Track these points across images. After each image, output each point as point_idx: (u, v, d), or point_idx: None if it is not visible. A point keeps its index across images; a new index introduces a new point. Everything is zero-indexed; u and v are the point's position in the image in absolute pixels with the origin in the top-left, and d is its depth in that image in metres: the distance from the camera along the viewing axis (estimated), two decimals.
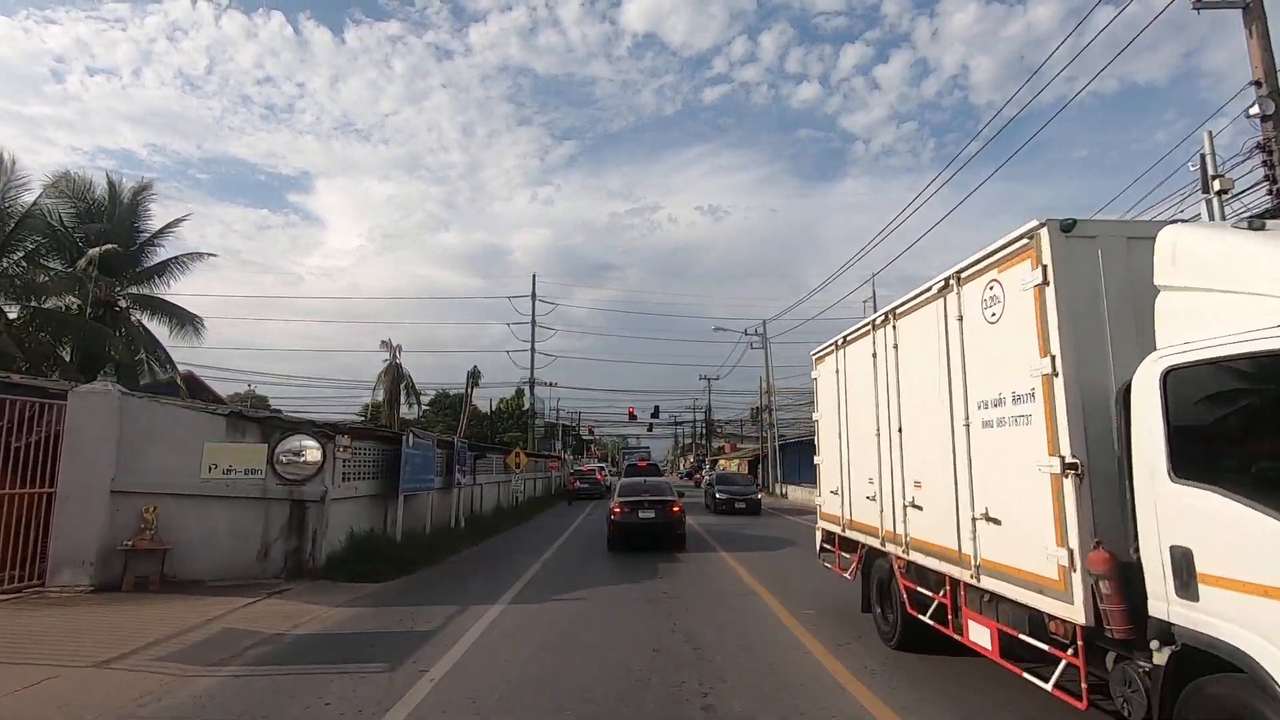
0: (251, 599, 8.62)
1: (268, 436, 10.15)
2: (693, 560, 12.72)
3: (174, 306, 23.20)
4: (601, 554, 13.83)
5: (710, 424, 63.40)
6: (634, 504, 14.03)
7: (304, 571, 10.04)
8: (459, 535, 15.53)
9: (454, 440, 16.84)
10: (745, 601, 8.90)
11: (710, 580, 10.62)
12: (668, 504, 14.07)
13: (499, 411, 78.12)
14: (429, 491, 14.44)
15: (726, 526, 19.51)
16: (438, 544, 13.68)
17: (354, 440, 11.32)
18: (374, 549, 11.27)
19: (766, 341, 37.30)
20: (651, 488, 14.89)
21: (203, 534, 9.62)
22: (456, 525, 16.62)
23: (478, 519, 18.85)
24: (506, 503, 24.22)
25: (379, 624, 7.69)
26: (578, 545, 15.42)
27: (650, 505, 13.99)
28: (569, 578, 10.87)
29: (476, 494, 20.14)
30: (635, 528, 13.91)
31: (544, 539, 16.64)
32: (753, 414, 66.67)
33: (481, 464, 20.73)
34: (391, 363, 50.93)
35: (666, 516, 13.93)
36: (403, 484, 12.34)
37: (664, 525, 13.90)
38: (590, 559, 13.12)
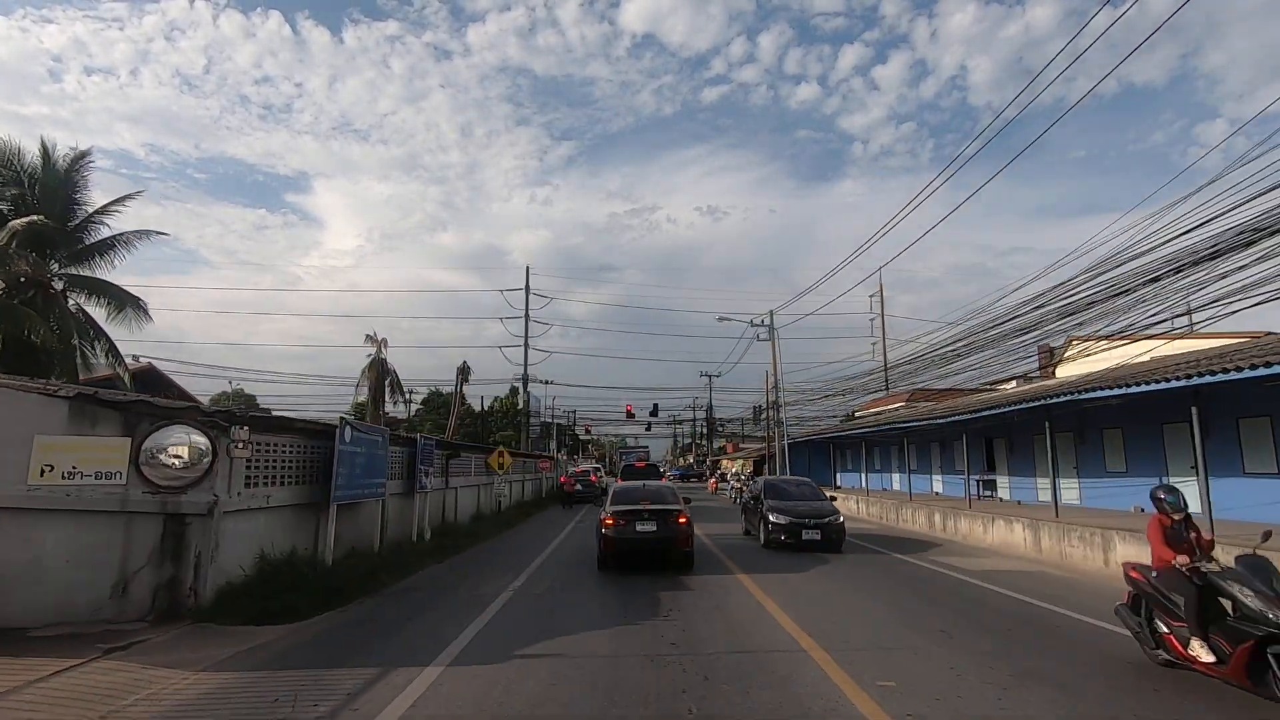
0: (76, 659, 5.95)
1: (131, 428, 7.48)
2: (704, 587, 10.07)
3: (110, 286, 20.49)
4: (589, 576, 11.19)
5: (712, 422, 60.73)
6: (630, 514, 11.37)
7: (182, 612, 7.38)
8: (420, 551, 12.85)
9: (416, 437, 14.17)
10: (790, 664, 6.23)
11: (733, 621, 7.96)
12: (672, 514, 11.44)
13: (493, 410, 75.62)
14: (378, 499, 11.76)
15: (738, 535, 16.87)
16: (387, 564, 11.02)
17: (263, 433, 8.67)
18: (294, 576, 8.62)
19: (773, 332, 34.67)
20: (652, 494, 12.23)
21: (28, 562, 6.94)
22: (420, 539, 13.96)
23: (449, 529, 16.19)
24: (488, 508, 21.55)
25: (238, 712, 5.02)
26: (562, 563, 12.76)
27: (650, 516, 11.36)
28: (544, 616, 8.21)
29: (450, 500, 17.48)
30: (632, 544, 11.31)
31: (524, 554, 13.98)
32: (754, 412, 64.20)
33: (457, 465, 18.07)
34: (376, 358, 48.21)
35: (670, 529, 11.29)
36: (336, 490, 9.67)
37: (667, 540, 11.26)
38: (575, 584, 10.47)
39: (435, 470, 16.00)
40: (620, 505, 11.68)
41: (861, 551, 14.33)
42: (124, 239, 21.03)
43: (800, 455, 36.06)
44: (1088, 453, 18.29)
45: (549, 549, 14.82)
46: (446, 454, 17.01)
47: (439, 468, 16.40)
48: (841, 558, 13.15)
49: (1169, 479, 15.48)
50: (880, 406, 41.09)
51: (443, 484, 16.72)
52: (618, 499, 12.05)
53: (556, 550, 14.64)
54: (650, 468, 29.07)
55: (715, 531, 17.79)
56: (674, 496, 12.24)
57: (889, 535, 17.85)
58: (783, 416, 33.01)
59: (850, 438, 32.74)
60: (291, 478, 9.39)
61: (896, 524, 20.63)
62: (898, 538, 17.04)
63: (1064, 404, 14.65)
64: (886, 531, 19.04)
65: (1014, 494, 21.72)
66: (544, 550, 14.53)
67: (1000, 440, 22.67)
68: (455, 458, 17.41)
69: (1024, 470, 21.30)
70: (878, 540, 16.41)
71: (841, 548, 14.17)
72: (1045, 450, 20.24)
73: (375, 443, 11.39)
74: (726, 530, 18.45)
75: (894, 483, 30.95)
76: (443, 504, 16.90)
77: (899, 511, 20.76)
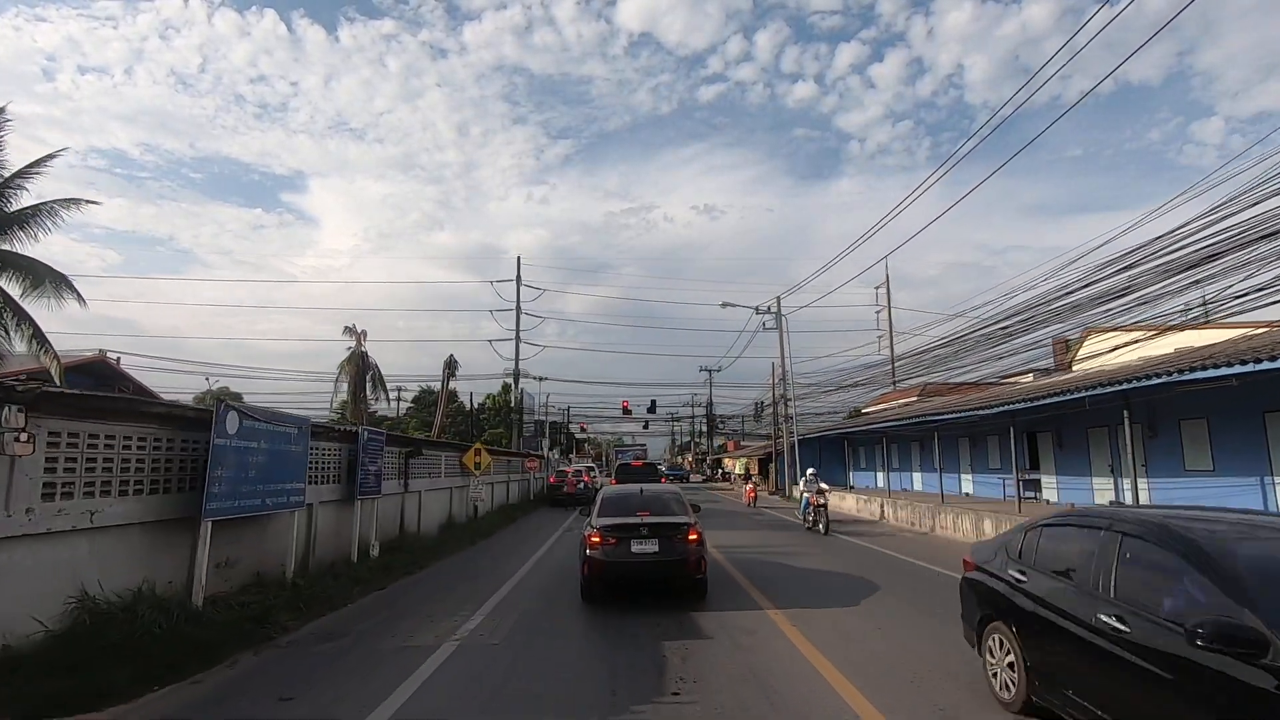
0: None
1: None
2: (725, 632, 7.37)
3: (20, 258, 17.71)
4: (569, 611, 8.47)
5: (712, 419, 58.06)
6: (624, 530, 8.53)
7: None
8: (357, 576, 10.11)
9: (358, 430, 11.41)
10: None
11: (777, 698, 5.25)
12: (678, 530, 8.57)
13: (484, 408, 72.89)
14: (294, 509, 9.01)
15: (755, 549, 14.16)
16: (302, 598, 8.28)
17: (91, 420, 5.92)
18: (131, 629, 5.91)
19: (781, 319, 31.98)
20: (652, 501, 9.40)
21: None
22: (362, 558, 11.22)
23: (407, 543, 13.45)
24: (462, 515, 18.80)
25: None
26: (537, 589, 10.03)
27: (650, 532, 8.52)
28: (492, 690, 5.49)
29: (410, 506, 14.73)
30: (626, 571, 8.52)
31: (493, 574, 11.26)
32: (756, 409, 61.51)
33: (420, 465, 15.34)
34: (355, 351, 45.31)
35: (677, 550, 8.46)
36: (211, 502, 6.93)
37: (673, 565, 8.47)
38: (548, 625, 7.74)
39: (389, 471, 13.26)
40: (611, 518, 8.84)
41: (912, 571, 11.63)
42: (49, 209, 18.32)
43: (809, 452, 33.35)
44: (1161, 448, 15.62)
45: (525, 567, 12.08)
46: (406, 451, 14.27)
47: (394, 468, 13.66)
48: (894, 579, 10.46)
49: (1277, 480, 12.83)
50: (889, 402, 38.53)
51: (400, 487, 13.98)
52: (608, 508, 9.21)
53: (535, 569, 11.91)
54: (648, 467, 26.37)
55: (728, 542, 15.08)
56: (680, 505, 9.39)
57: (936, 547, 15.16)
58: (793, 411, 30.29)
59: (867, 433, 30.08)
60: (145, 484, 6.65)
61: (934, 531, 17.95)
62: (948, 552, 14.35)
63: (1155, 387, 11.98)
64: (926, 541, 16.35)
65: (1062, 495, 19.07)
66: (519, 569, 11.80)
67: (1045, 434, 20.00)
68: (417, 456, 14.66)
69: (1075, 468, 18.66)
70: (922, 551, 13.72)
71: (880, 565, 11.50)
72: (1106, 445, 17.69)
73: (286, 436, 8.63)
74: (740, 540, 15.74)
75: (914, 482, 28.28)
76: (400, 512, 14.16)
77: (935, 517, 18.08)
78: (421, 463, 15.36)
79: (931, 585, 10.11)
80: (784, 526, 19.70)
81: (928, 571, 11.44)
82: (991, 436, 22.67)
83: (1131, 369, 13.37)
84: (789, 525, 19.90)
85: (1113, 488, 17.16)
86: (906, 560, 12.71)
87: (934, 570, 11.50)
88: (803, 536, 16.92)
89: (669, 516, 8.88)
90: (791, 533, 17.90)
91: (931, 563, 12.30)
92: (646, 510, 8.97)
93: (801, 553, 13.62)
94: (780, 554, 13.42)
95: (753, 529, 19.01)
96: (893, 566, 11.95)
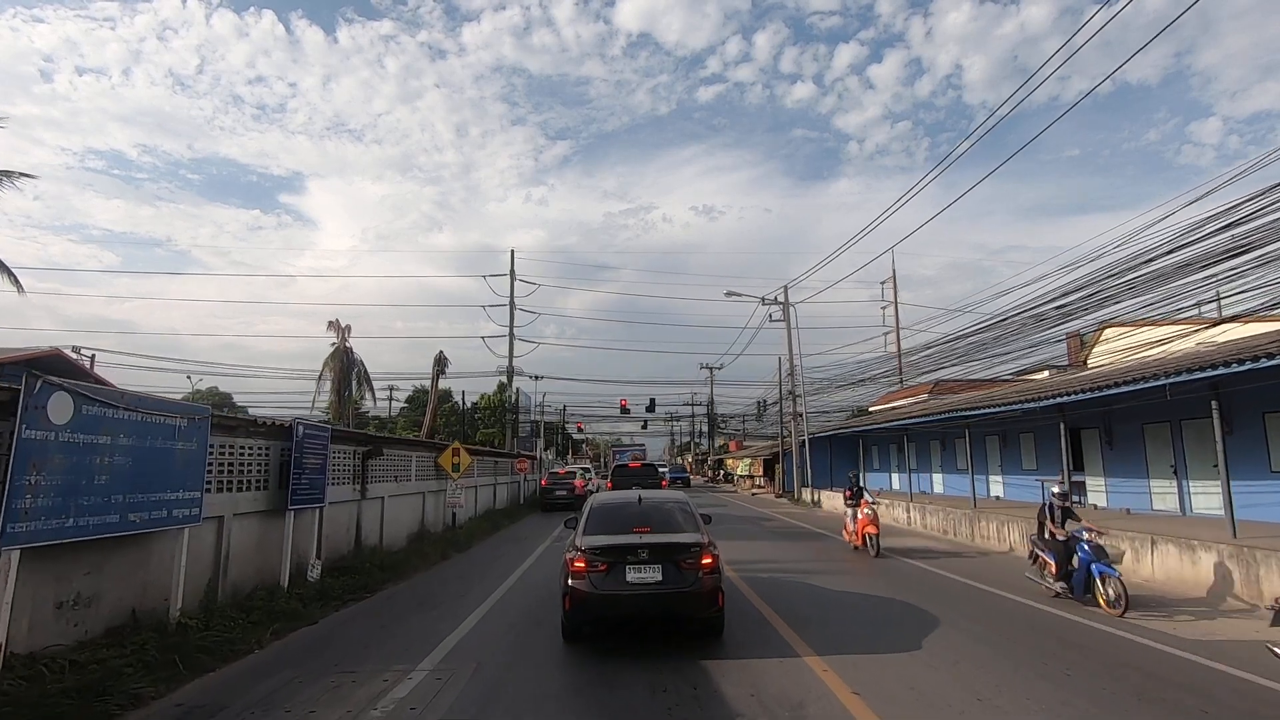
0: None
1: None
2: (753, 689, 5.28)
3: None
4: (548, 660, 6.36)
5: (713, 418, 55.93)
6: (618, 553, 6.53)
7: None
8: (274, 610, 7.94)
9: (292, 424, 9.26)
10: None
11: None
12: (689, 552, 6.58)
13: (478, 407, 70.78)
14: (183, 526, 6.85)
15: (775, 566, 12.04)
16: (176, 650, 6.13)
17: None
18: None
19: (789, 309, 29.87)
20: (653, 513, 7.41)
21: None
22: (295, 583, 9.08)
23: (361, 560, 11.31)
24: (438, 523, 16.66)
25: None
26: (508, 624, 7.90)
27: (652, 555, 6.52)
28: None
29: (370, 516, 12.58)
30: (620, 606, 6.48)
31: (458, 603, 9.13)
32: (758, 407, 59.38)
33: (382, 467, 13.20)
34: (339, 346, 43.12)
35: (686, 579, 6.45)
36: (13, 522, 4.79)
37: (681, 598, 6.44)
38: (514, 693, 5.60)
39: (340, 474, 11.14)
40: (601, 536, 6.85)
41: (973, 597, 9.51)
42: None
43: (820, 453, 31.25)
44: (1240, 446, 13.51)
45: (500, 590, 9.95)
46: (363, 451, 12.12)
47: (348, 470, 11.52)
48: (954, 611, 8.34)
49: None
50: (898, 400, 36.50)
51: (355, 493, 11.84)
52: (597, 523, 7.26)
53: (511, 592, 9.79)
54: (647, 468, 24.20)
55: (743, 557, 12.96)
56: (688, 518, 7.40)
57: (983, 563, 13.05)
58: (803, 408, 28.15)
59: (884, 432, 27.95)
60: None
61: (972, 541, 15.85)
62: (1002, 570, 12.23)
63: (1244, 374, 9.89)
64: (970, 556, 14.24)
65: (1112, 500, 16.96)
66: (491, 594, 9.68)
67: (1091, 431, 17.89)
68: (377, 456, 12.51)
69: (1128, 470, 16.54)
70: (971, 569, 11.60)
71: (921, 590, 9.36)
72: (1168, 443, 15.60)
73: (168, 430, 6.48)
74: (758, 556, 13.62)
75: (934, 484, 26.18)
76: (356, 522, 12.01)
77: (973, 525, 15.97)
78: (384, 464, 13.22)
79: (1004, 618, 7.99)
80: (802, 536, 17.60)
81: (990, 597, 9.31)
82: (1025, 434, 20.58)
83: (1225, 352, 11.25)
84: (810, 535, 17.81)
85: (1176, 491, 15.06)
86: (957, 581, 10.58)
87: (997, 594, 9.38)
88: (830, 549, 14.81)
89: (675, 534, 6.93)
90: (816, 544, 15.79)
91: (990, 584, 10.16)
92: (646, 526, 7.04)
93: (829, 571, 11.49)
94: (798, 568, 11.30)
95: (772, 540, 16.90)
96: (944, 590, 9.82)
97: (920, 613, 8.20)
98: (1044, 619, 7.98)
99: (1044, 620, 7.92)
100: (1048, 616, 8.09)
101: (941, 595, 9.32)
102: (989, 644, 6.81)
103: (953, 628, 7.46)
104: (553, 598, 8.53)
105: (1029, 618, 8.02)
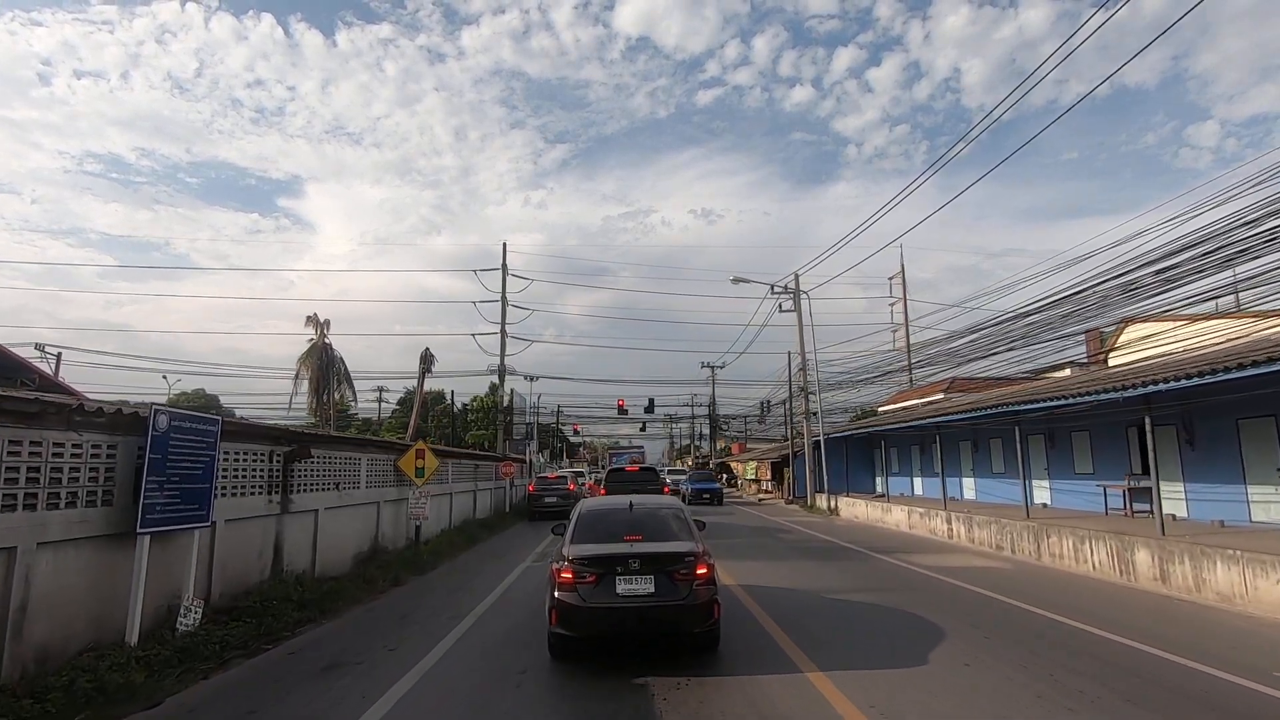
0: None
1: None
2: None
3: None
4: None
5: (715, 419, 53.36)
6: (607, 562, 6.14)
7: None
8: (95, 689, 5.34)
9: (148, 410, 6.63)
10: None
11: None
12: (680, 562, 6.22)
13: (470, 408, 68.18)
14: None
15: (810, 597, 9.45)
16: None
17: None
18: None
19: (799, 298, 27.32)
20: (645, 520, 6.95)
21: None
22: (149, 639, 6.46)
23: (274, 593, 8.68)
24: (395, 539, 14.03)
25: None
26: (457, 695, 5.29)
27: (644, 565, 6.13)
28: None
29: (293, 534, 9.94)
30: (610, 619, 6.05)
31: (380, 665, 6.52)
32: (761, 408, 56.81)
33: (318, 471, 10.59)
34: (317, 343, 40.50)
35: (679, 591, 6.10)
36: None
37: (675, 611, 6.06)
38: None
39: (244, 481, 8.52)
40: (589, 544, 6.46)
41: (1170, 674, 6.90)
42: None
43: (834, 455, 28.65)
44: None
45: (453, 634, 7.34)
46: (285, 452, 9.50)
47: (258, 476, 8.90)
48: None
49: None
50: (911, 399, 34.00)
51: (272, 505, 9.22)
52: (586, 531, 6.85)
53: (470, 638, 7.18)
54: (646, 472, 21.59)
55: (766, 581, 10.36)
56: (682, 525, 7.01)
57: (1058, 590, 10.47)
58: (818, 406, 25.54)
59: (906, 432, 25.39)
60: None
61: (1038, 560, 13.26)
62: (1117, 606, 9.65)
63: None
64: (1031, 575, 11.66)
65: (1196, 510, 14.39)
66: (441, 641, 7.07)
67: (1165, 430, 15.32)
68: (303, 459, 9.86)
69: (1216, 473, 13.98)
70: (1044, 598, 9.01)
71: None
72: (1273, 441, 13.11)
73: None
74: (781, 578, 11.03)
75: (963, 489, 23.59)
76: (275, 544, 9.38)
77: (1038, 539, 13.38)
78: (319, 468, 10.61)
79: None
80: (833, 554, 15.01)
81: (1064, 626, 6.69)
82: (1078, 433, 18.02)
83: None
84: (839, 552, 15.22)
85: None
86: (1068, 625, 7.97)
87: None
88: (877, 574, 12.22)
89: (668, 543, 6.56)
90: (851, 565, 13.22)
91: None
92: (638, 534, 6.66)
93: (885, 606, 8.88)
94: (812, 579, 8.71)
95: (795, 557, 14.30)
96: (1105, 657, 7.19)
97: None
98: (1144, 662, 5.37)
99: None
100: (1149, 661, 5.48)
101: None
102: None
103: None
104: (529, 644, 6.86)
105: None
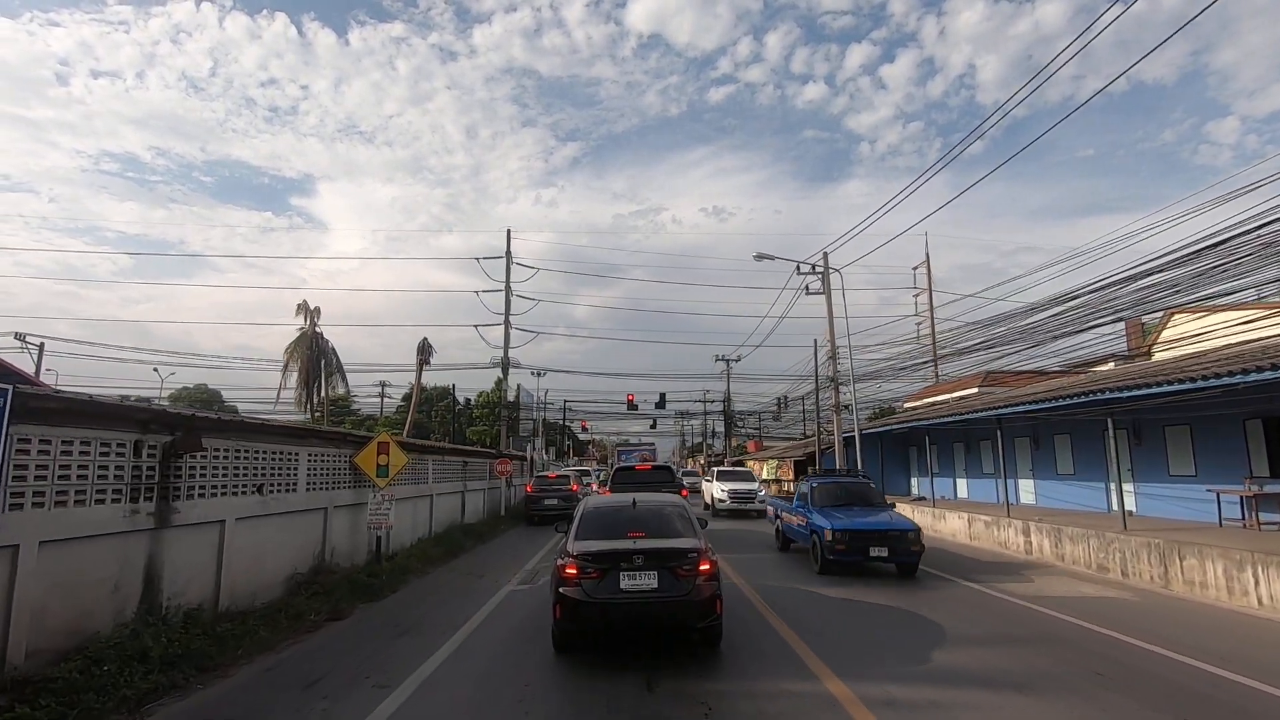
0: None
1: None
2: None
3: None
4: None
5: (730, 415, 50.56)
6: (611, 558, 6.06)
7: None
8: None
9: None
10: None
11: None
12: (683, 557, 6.11)
13: (474, 404, 65.84)
14: None
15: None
16: None
17: None
18: None
19: (828, 277, 24.51)
20: (648, 517, 6.77)
21: None
22: None
23: (139, 646, 6.01)
24: (352, 552, 11.39)
25: None
26: None
27: (647, 561, 6.02)
28: None
29: (183, 557, 7.25)
30: (614, 614, 5.96)
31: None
32: (779, 404, 53.96)
33: (225, 469, 7.94)
34: (306, 332, 38.06)
35: (682, 586, 6.00)
36: None
37: (677, 606, 5.97)
38: None
39: (80, 488, 5.87)
40: (593, 541, 6.37)
41: None
42: None
43: (867, 454, 25.75)
44: None
45: (384, 710, 4.70)
46: (165, 444, 6.84)
47: (104, 477, 6.24)
48: None
49: None
50: (942, 394, 31.16)
51: (145, 520, 6.56)
52: (590, 528, 6.72)
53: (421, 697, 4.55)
54: (660, 471, 18.96)
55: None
56: (685, 522, 6.83)
57: (1237, 639, 7.66)
58: (851, 399, 22.70)
59: (949, 427, 22.47)
60: None
61: (1167, 587, 10.38)
62: None
63: None
64: (1174, 612, 8.83)
65: None
66: (387, 700, 4.43)
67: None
68: (192, 453, 7.19)
69: None
70: (1230, 654, 6.21)
71: None
72: None
73: None
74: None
75: (1019, 493, 20.64)
76: (145, 572, 6.72)
77: (1165, 560, 10.50)
78: (226, 464, 7.94)
79: None
80: (899, 580, 12.21)
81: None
82: (1176, 427, 15.10)
83: None
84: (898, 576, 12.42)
85: None
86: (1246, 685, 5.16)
87: None
88: (976, 608, 9.44)
89: (671, 539, 6.47)
90: (925, 592, 10.43)
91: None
92: (641, 530, 6.60)
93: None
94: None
95: (856, 583, 11.52)
96: None
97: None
98: None
99: None
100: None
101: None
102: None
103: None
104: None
105: None
